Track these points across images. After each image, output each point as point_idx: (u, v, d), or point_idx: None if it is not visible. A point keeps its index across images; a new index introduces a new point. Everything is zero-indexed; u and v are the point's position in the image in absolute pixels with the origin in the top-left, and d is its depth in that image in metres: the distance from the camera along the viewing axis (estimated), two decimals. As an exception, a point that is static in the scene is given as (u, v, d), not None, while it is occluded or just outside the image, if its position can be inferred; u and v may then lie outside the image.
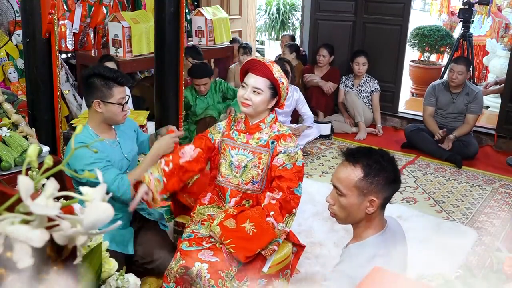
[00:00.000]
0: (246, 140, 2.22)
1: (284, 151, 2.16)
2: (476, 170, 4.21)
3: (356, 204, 1.55)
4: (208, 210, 2.26)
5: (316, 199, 3.53)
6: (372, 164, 1.52)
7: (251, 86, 2.14)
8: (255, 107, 2.16)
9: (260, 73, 2.13)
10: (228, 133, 2.26)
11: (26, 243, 0.53)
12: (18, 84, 3.99)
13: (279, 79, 2.14)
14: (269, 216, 2.09)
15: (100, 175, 0.64)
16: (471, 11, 5.50)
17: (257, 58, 2.19)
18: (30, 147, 0.61)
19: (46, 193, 0.57)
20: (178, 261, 2.04)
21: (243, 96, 2.15)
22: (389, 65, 5.27)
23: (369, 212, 1.55)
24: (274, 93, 2.17)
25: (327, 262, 2.75)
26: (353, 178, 1.53)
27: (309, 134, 4.61)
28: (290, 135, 2.21)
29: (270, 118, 2.24)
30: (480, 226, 3.28)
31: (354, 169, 1.54)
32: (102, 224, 0.60)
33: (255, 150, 2.20)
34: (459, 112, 4.43)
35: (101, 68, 2.24)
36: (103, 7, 4.69)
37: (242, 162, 2.20)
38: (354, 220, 1.60)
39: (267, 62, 2.15)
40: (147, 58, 4.30)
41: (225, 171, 2.24)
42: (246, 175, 2.21)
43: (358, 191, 1.53)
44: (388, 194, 1.56)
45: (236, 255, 2.03)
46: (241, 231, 2.05)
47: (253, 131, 2.21)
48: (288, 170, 2.14)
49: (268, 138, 2.20)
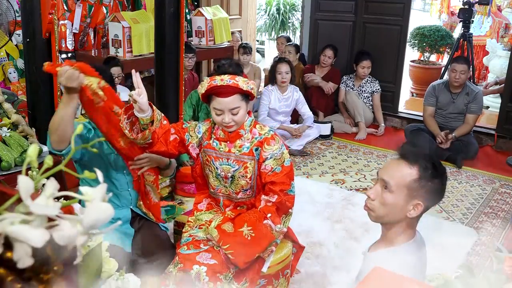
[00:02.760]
0: (228, 149, 2.13)
1: (270, 156, 2.09)
2: (476, 170, 4.21)
3: (401, 204, 1.50)
4: (205, 216, 2.25)
5: (316, 199, 3.53)
6: (430, 168, 1.49)
7: (227, 109, 2.01)
8: (239, 123, 2.07)
9: (228, 94, 2.00)
10: (209, 142, 2.15)
11: (26, 243, 0.53)
12: (18, 84, 3.99)
13: (248, 88, 2.02)
14: (267, 219, 2.08)
15: (100, 175, 0.64)
16: (471, 11, 5.50)
17: (216, 83, 2.00)
18: (30, 147, 0.61)
19: (46, 193, 0.57)
20: (176, 265, 2.04)
21: (223, 121, 2.03)
22: (389, 65, 5.27)
23: (410, 215, 1.50)
24: (247, 99, 2.08)
25: (327, 262, 2.75)
26: (407, 178, 1.48)
27: (309, 134, 4.61)
28: (273, 137, 2.12)
29: (248, 122, 2.13)
30: (480, 226, 3.28)
31: (411, 168, 1.49)
32: (102, 224, 0.60)
33: (239, 159, 2.12)
34: (459, 112, 4.42)
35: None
36: (103, 7, 4.69)
37: (228, 172, 2.13)
38: (390, 220, 1.54)
39: (229, 82, 1.99)
40: (147, 58, 4.30)
41: (214, 182, 2.20)
42: (235, 185, 2.16)
43: (408, 191, 1.48)
44: (432, 203, 1.52)
45: (234, 261, 2.02)
46: (239, 236, 2.04)
47: (233, 139, 2.11)
48: (278, 174, 2.10)
49: (251, 145, 2.11)
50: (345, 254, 2.83)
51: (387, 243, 1.57)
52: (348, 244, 2.95)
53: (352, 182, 3.94)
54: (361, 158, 4.45)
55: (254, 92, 2.07)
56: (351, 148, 4.69)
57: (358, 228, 3.10)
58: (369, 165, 4.28)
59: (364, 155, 4.52)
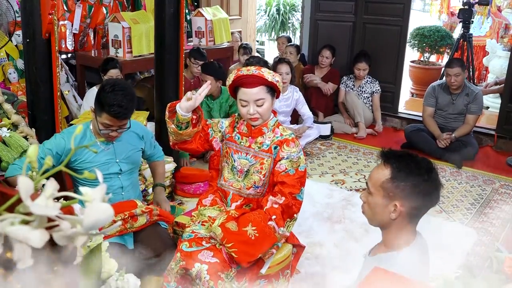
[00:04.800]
0: (248, 144, 2.19)
1: (287, 157, 2.14)
2: (476, 171, 4.21)
3: (381, 205, 1.50)
4: (209, 212, 2.25)
5: (316, 199, 3.53)
6: (403, 168, 1.48)
7: (252, 100, 2.09)
8: (264, 116, 2.13)
9: (253, 84, 2.08)
10: (231, 135, 2.23)
11: (26, 244, 0.53)
12: (18, 84, 3.99)
13: (273, 80, 2.10)
14: (271, 220, 2.08)
15: (100, 176, 0.65)
16: (471, 12, 5.50)
17: (243, 73, 2.09)
18: (30, 147, 0.61)
19: (46, 193, 0.57)
20: (178, 262, 2.04)
21: (248, 113, 2.10)
22: (389, 65, 5.28)
23: (392, 217, 1.49)
24: (273, 93, 2.15)
25: (327, 263, 2.75)
26: (380, 178, 1.50)
27: (309, 135, 4.61)
28: (293, 140, 2.18)
29: (273, 121, 2.20)
30: (480, 226, 3.28)
31: (384, 168, 1.50)
32: (102, 225, 0.60)
33: (257, 154, 2.17)
34: (459, 113, 4.43)
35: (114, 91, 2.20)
36: (103, 8, 4.69)
37: (244, 166, 2.18)
38: (379, 223, 1.55)
39: (255, 72, 2.08)
40: (147, 59, 4.30)
41: (228, 175, 2.23)
42: (248, 180, 2.20)
43: (383, 191, 1.49)
44: (417, 205, 1.48)
45: (238, 259, 2.03)
46: (243, 235, 2.04)
47: (255, 135, 2.18)
48: (290, 176, 2.13)
49: (270, 143, 2.17)
50: (345, 255, 2.82)
51: (386, 246, 1.56)
52: (348, 244, 2.95)
53: (352, 182, 3.94)
54: (361, 158, 4.46)
55: (279, 86, 2.12)
56: (351, 149, 4.69)
57: (358, 229, 3.10)
58: (369, 165, 4.28)
59: (364, 156, 4.52)
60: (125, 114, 2.23)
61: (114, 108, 2.17)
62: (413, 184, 1.46)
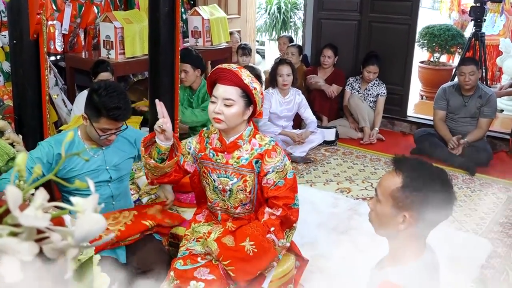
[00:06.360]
0: (225, 161, 2.11)
1: (272, 170, 2.08)
2: (490, 178, 4.21)
3: (389, 215, 1.50)
4: (203, 229, 2.25)
5: (320, 208, 3.53)
6: (415, 177, 1.46)
7: (221, 98, 2.01)
8: (229, 122, 2.02)
9: (228, 81, 2.01)
10: (204, 153, 2.16)
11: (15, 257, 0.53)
12: (4, 88, 4.00)
13: (250, 84, 2.01)
14: (270, 233, 2.08)
15: (92, 185, 0.65)
16: (483, 9, 5.52)
17: (223, 66, 2.05)
18: (19, 155, 0.62)
19: (35, 203, 0.58)
20: (172, 281, 2.03)
21: (213, 111, 2.02)
22: (397, 66, 5.29)
23: (399, 229, 1.48)
24: (248, 102, 2.05)
25: (332, 276, 2.74)
26: (391, 186, 1.49)
27: (313, 140, 4.61)
28: (274, 148, 2.10)
29: (247, 131, 2.11)
30: (495, 237, 3.27)
31: (395, 176, 1.49)
32: (94, 236, 0.60)
33: (238, 171, 2.11)
34: (471, 116, 4.43)
35: (108, 94, 2.23)
36: (94, 7, 4.71)
37: (226, 186, 2.13)
38: (386, 233, 1.55)
39: (234, 69, 2.02)
40: (141, 60, 4.31)
41: (211, 195, 2.21)
42: (233, 199, 2.16)
43: (393, 201, 1.48)
44: (427, 217, 1.46)
45: (235, 278, 2.02)
46: (240, 251, 2.04)
47: (231, 149, 2.10)
48: (281, 188, 2.10)
49: (250, 157, 2.10)
50: (352, 268, 2.82)
51: (393, 259, 1.56)
52: (354, 257, 2.94)
53: (358, 190, 3.94)
54: (368, 165, 4.46)
55: (256, 95, 2.04)
56: (357, 155, 4.69)
57: (365, 240, 3.09)
58: (376, 172, 4.28)
59: (371, 162, 4.52)
60: (125, 115, 2.29)
61: (113, 111, 2.21)
62: (425, 195, 1.44)
